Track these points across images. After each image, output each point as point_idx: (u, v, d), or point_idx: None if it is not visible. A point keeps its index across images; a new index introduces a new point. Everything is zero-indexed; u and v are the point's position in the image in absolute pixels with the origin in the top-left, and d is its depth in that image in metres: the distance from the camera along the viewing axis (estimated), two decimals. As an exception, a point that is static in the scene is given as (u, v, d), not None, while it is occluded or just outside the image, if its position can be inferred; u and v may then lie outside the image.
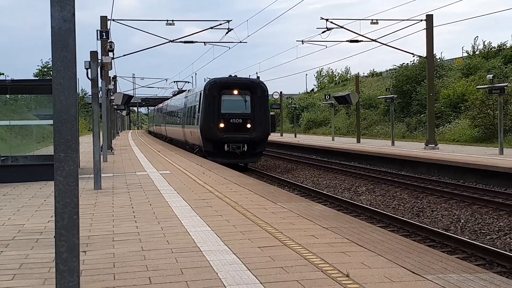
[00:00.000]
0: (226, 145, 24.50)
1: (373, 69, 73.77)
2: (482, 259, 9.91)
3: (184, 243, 7.07)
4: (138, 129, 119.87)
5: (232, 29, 29.83)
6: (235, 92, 25.19)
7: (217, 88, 25.08)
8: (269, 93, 27.44)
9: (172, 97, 47.75)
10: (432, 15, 29.13)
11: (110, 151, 26.84)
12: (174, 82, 51.02)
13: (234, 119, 24.92)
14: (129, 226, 8.35)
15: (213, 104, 24.88)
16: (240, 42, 32.11)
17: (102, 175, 13.91)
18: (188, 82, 50.68)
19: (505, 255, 9.81)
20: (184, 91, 42.58)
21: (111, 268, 5.97)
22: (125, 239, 7.44)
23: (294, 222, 8.42)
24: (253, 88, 25.40)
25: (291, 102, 66.10)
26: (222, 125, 24.79)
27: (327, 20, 29.51)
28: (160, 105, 57.97)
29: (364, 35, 30.83)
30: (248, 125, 24.89)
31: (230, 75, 26.91)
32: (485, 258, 9.89)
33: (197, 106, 26.45)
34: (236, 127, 24.84)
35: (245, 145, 24.60)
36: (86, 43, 23.29)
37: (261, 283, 5.29)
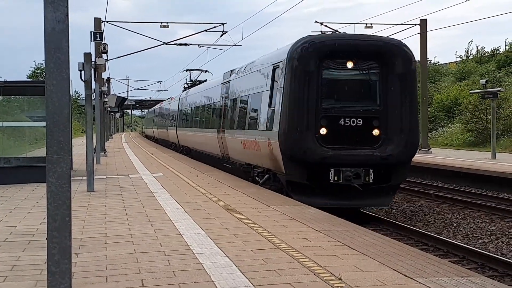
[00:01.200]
0: (332, 171, 12.38)
1: (367, 73, 73.62)
2: (474, 263, 9.94)
3: (177, 246, 7.05)
4: (131, 131, 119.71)
5: (226, 31, 29.84)
6: (349, 64, 12.84)
7: (315, 56, 12.62)
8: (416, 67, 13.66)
9: (187, 88, 34.63)
10: (426, 19, 29.30)
11: (103, 153, 26.79)
12: (187, 71, 37.83)
13: (348, 119, 12.68)
14: (122, 229, 8.32)
15: (307, 89, 12.56)
16: (235, 44, 32.11)
17: (95, 177, 13.87)
18: (206, 71, 36.72)
19: (497, 259, 9.84)
20: (202, 81, 32.26)
21: (103, 271, 5.95)
22: (118, 241, 7.42)
23: (287, 225, 8.42)
24: (387, 55, 12.81)
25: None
26: (324, 131, 12.59)
27: (321, 23, 29.54)
28: (166, 102, 45.63)
29: (358, 39, 30.87)
30: (375, 131, 12.69)
31: (335, 31, 13.77)
32: (477, 262, 9.92)
33: (268, 95, 14.17)
34: (351, 136, 12.67)
35: (370, 171, 12.48)
36: (79, 44, 23.16)
37: (254, 286, 5.29)
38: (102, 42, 26.34)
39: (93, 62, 14.28)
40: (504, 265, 9.48)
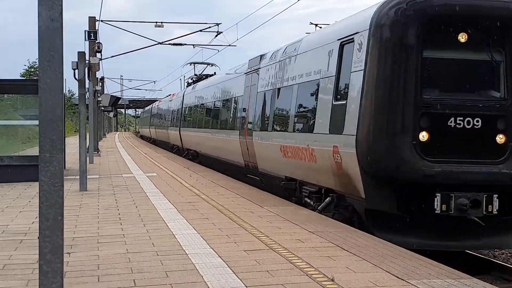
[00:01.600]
0: (439, 196, 8.37)
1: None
2: (466, 265, 9.96)
3: (170, 246, 7.04)
4: (125, 131, 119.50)
5: (221, 32, 29.88)
6: (463, 37, 8.71)
7: (415, 23, 8.60)
8: None
9: (191, 84, 30.62)
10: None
11: (96, 152, 26.72)
12: (191, 64, 34.45)
13: (460, 118, 8.61)
14: (114, 228, 8.30)
15: (402, 74, 8.63)
16: (230, 45, 32.13)
17: (88, 176, 13.83)
18: (213, 64, 32.57)
19: (489, 261, 9.87)
20: (210, 75, 29.00)
21: (95, 270, 5.93)
22: (110, 241, 7.40)
23: (280, 226, 8.42)
24: None
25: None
26: (424, 135, 8.55)
27: (316, 25, 29.58)
28: (167, 99, 40.32)
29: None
30: (500, 137, 8.68)
31: None
32: (470, 264, 9.94)
33: (331, 83, 10.22)
34: (464, 143, 8.67)
35: (494, 196, 8.50)
36: (73, 43, 23.02)
37: (246, 286, 5.29)
38: (96, 41, 26.31)
39: (87, 61, 14.25)
40: (496, 267, 9.51)
